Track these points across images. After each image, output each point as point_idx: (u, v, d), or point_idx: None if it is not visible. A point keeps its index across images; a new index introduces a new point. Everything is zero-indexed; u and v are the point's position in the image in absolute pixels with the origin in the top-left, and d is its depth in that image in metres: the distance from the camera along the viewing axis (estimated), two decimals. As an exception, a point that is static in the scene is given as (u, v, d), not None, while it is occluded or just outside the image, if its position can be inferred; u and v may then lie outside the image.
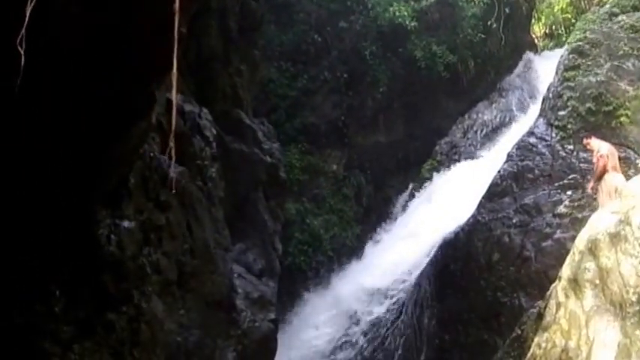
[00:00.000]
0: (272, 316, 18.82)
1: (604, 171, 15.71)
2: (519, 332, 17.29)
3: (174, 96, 8.72)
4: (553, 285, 14.91)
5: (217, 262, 16.18)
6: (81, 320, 12.05)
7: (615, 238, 12.71)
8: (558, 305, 13.51)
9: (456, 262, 22.36)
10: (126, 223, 13.13)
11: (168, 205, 14.50)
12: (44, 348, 11.49)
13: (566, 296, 13.33)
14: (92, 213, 12.56)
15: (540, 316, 15.33)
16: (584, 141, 16.86)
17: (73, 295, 12.03)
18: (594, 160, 16.15)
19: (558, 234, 20.23)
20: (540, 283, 19.17)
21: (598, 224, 13.27)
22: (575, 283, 13.18)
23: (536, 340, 13.98)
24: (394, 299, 25.16)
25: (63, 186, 11.60)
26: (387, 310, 24.98)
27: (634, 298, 12.17)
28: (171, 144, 8.61)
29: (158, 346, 13.49)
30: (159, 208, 14.21)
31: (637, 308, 12.08)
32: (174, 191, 14.35)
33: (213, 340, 15.81)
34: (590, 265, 12.97)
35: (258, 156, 20.91)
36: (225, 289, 16.51)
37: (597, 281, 12.78)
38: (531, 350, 14.01)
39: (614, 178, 15.74)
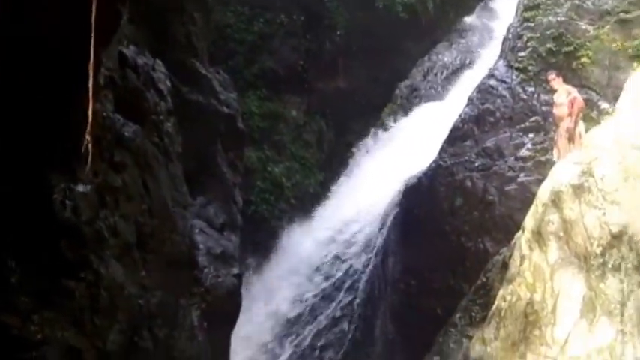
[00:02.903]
0: (235, 270, 18.66)
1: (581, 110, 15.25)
2: (484, 280, 17.35)
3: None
4: (517, 235, 14.88)
5: (177, 221, 15.88)
6: (39, 290, 11.78)
7: (579, 189, 12.65)
8: (522, 257, 13.47)
9: (420, 207, 22.26)
10: (81, 187, 12.74)
11: (124, 166, 14.11)
12: (2, 320, 11.23)
13: (530, 248, 13.29)
14: (46, 179, 12.18)
15: (505, 265, 15.33)
16: (550, 76, 16.19)
17: (30, 265, 11.74)
18: (562, 99, 15.33)
19: (522, 177, 20.18)
20: (505, 228, 19.19)
21: (561, 176, 13.18)
22: (539, 236, 13.14)
23: (501, 292, 13.96)
24: (359, 245, 25.15)
25: (15, 153, 11.24)
26: (352, 256, 25.01)
27: (598, 251, 12.17)
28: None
29: (119, 311, 13.27)
30: (114, 169, 13.81)
31: (601, 260, 12.10)
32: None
33: (176, 300, 15.63)
34: (554, 217, 12.92)
35: (215, 107, 20.45)
36: (186, 247, 16.26)
37: (561, 233, 12.74)
38: (496, 303, 14.00)
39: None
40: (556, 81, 15.75)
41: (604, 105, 19.83)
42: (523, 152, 20.61)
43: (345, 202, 26.44)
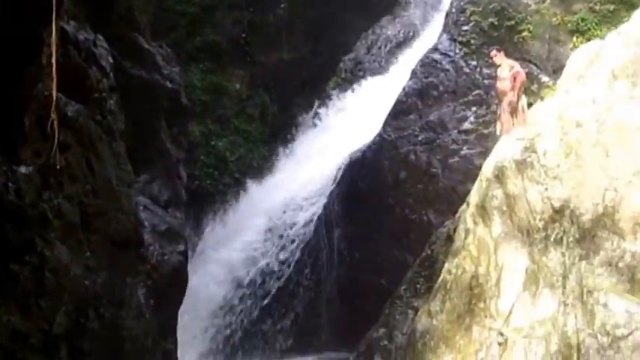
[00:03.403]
0: (181, 248, 18.48)
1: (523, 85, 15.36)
2: (429, 252, 17.57)
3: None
4: (461, 209, 15.11)
5: (121, 200, 15.63)
6: (-18, 275, 11.54)
7: (522, 165, 12.91)
8: (467, 231, 13.71)
9: (364, 180, 22.46)
10: (23, 169, 12.47)
11: (67, 146, 13.81)
12: (-55, 308, 11.02)
13: (475, 223, 13.53)
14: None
15: (450, 238, 15.57)
16: (492, 52, 16.32)
17: (-27, 250, 11.49)
18: (505, 74, 15.45)
19: (465, 150, 20.51)
20: (449, 199, 19.55)
21: (504, 151, 13.42)
22: (483, 210, 13.38)
23: (446, 266, 14.19)
24: (303, 218, 25.18)
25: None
26: (297, 230, 25.04)
27: (540, 225, 12.45)
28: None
29: (65, 293, 13.04)
30: (57, 149, 13.52)
31: (543, 234, 12.38)
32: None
33: (122, 279, 15.41)
34: (498, 192, 13.16)
35: (158, 82, 20.15)
36: (131, 225, 16.01)
37: (505, 208, 13.00)
38: (442, 276, 14.23)
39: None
40: (498, 56, 15.92)
41: (544, 78, 20.23)
42: (466, 125, 20.92)
43: (289, 176, 26.41)
